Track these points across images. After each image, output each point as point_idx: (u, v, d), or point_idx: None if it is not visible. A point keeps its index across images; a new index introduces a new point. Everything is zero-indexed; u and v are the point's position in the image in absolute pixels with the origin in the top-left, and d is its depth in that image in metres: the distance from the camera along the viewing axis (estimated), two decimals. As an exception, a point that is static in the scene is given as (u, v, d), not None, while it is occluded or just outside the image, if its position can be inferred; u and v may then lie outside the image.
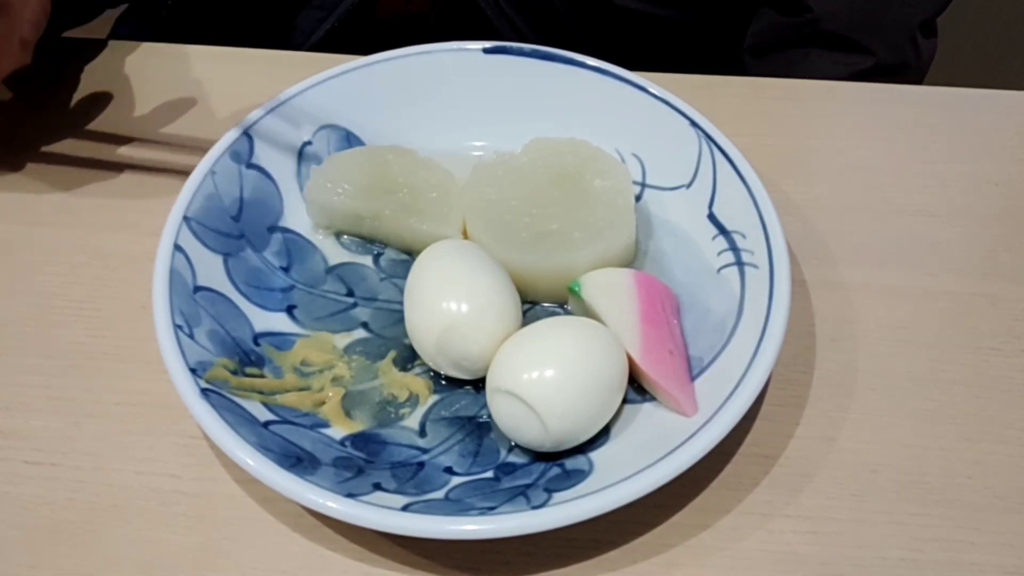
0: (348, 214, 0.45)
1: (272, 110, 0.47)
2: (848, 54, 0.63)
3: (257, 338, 0.42)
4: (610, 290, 0.41)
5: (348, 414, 0.40)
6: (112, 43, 0.59)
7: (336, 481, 0.35)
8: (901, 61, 0.64)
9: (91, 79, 0.56)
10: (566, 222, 0.44)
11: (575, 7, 0.64)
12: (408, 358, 0.42)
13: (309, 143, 0.48)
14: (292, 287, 0.44)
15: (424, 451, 0.39)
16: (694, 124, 0.46)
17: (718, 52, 0.70)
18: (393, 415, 0.40)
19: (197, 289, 0.41)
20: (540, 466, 0.38)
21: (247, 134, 0.46)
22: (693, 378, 0.39)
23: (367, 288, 0.45)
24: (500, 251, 0.42)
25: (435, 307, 0.39)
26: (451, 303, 0.39)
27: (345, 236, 0.46)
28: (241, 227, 0.44)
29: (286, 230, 0.46)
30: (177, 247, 0.41)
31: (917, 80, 0.66)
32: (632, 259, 0.45)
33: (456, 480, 0.37)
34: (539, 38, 0.54)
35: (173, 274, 0.40)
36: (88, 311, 0.44)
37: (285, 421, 0.38)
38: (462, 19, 0.64)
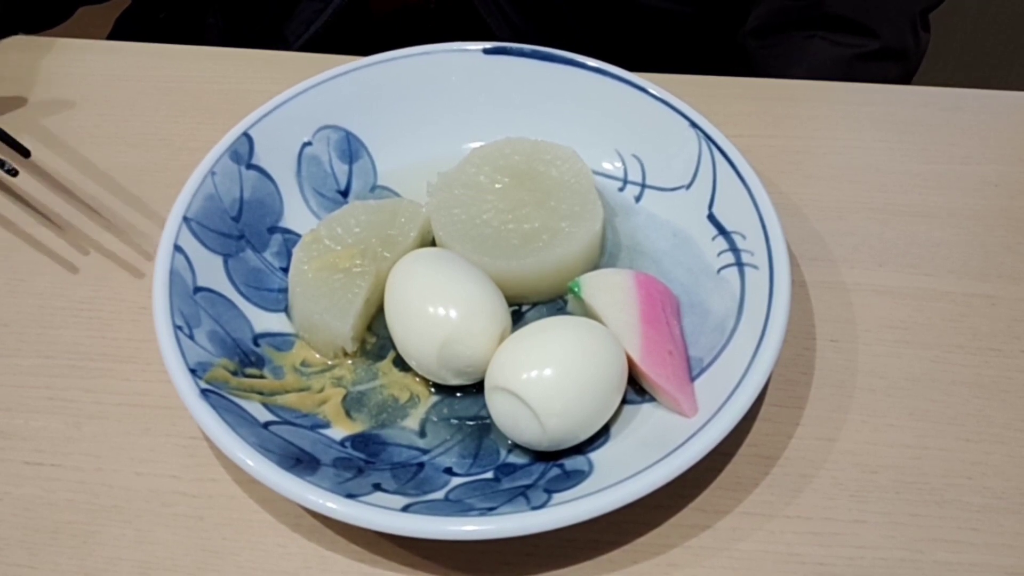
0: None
1: (272, 110, 0.47)
2: (853, 36, 0.63)
3: (257, 339, 0.42)
4: (610, 290, 0.41)
5: (348, 414, 0.40)
6: (112, 43, 0.60)
7: (336, 482, 0.35)
8: (903, 46, 0.65)
9: (91, 79, 0.56)
10: (545, 217, 0.44)
11: (575, 2, 0.64)
12: (408, 358, 0.42)
13: (309, 143, 0.48)
14: (292, 287, 0.44)
15: (424, 452, 0.39)
16: (694, 124, 0.46)
17: (720, 47, 0.70)
18: (393, 415, 0.40)
19: (197, 290, 0.41)
20: (540, 467, 0.38)
21: (247, 134, 0.46)
22: (693, 379, 0.39)
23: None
24: (498, 264, 0.42)
25: (428, 324, 0.39)
26: (443, 317, 0.39)
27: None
28: (241, 228, 0.44)
29: (286, 230, 0.46)
30: (177, 248, 0.41)
31: (911, 71, 0.67)
32: (604, 236, 0.45)
33: (456, 481, 0.37)
34: (538, 34, 0.54)
35: (173, 275, 0.40)
36: (88, 312, 0.44)
37: (285, 422, 0.38)
38: (462, 14, 0.64)
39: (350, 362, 0.42)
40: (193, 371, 0.37)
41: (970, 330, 0.44)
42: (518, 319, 0.44)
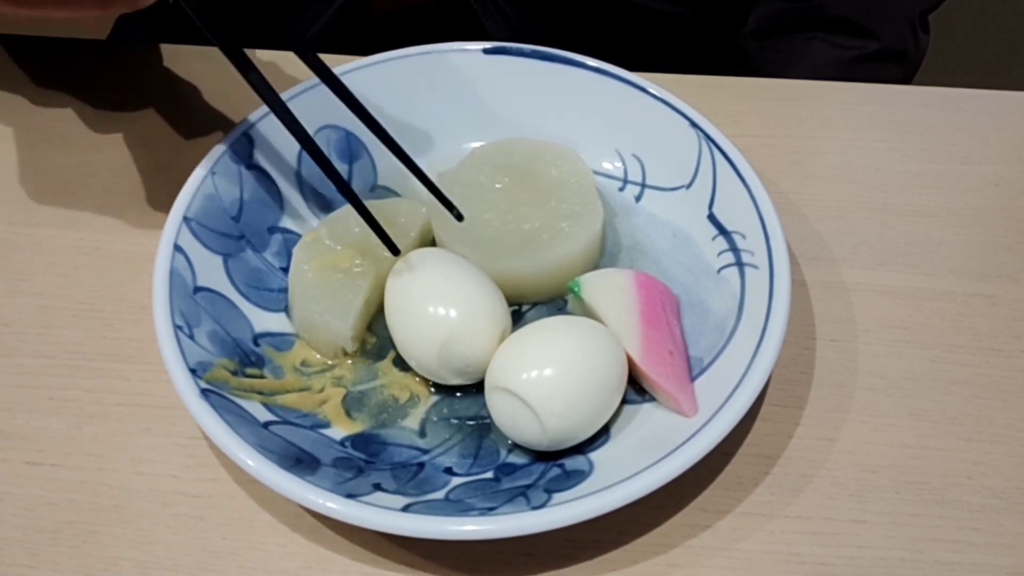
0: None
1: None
2: (853, 38, 0.64)
3: (257, 338, 0.42)
4: (610, 290, 0.41)
5: (348, 414, 0.40)
6: (112, 43, 0.59)
7: (336, 482, 0.35)
8: (903, 48, 0.65)
9: (91, 79, 0.56)
10: (545, 217, 0.44)
11: (576, 3, 0.64)
12: (408, 358, 0.42)
13: (309, 143, 0.48)
14: (292, 287, 0.44)
15: (424, 452, 0.39)
16: (694, 124, 0.46)
17: (720, 48, 0.70)
18: (393, 415, 0.40)
19: (197, 290, 0.41)
20: (540, 466, 0.38)
21: (247, 134, 0.46)
22: (693, 379, 0.39)
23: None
24: (498, 263, 0.42)
25: (428, 324, 0.39)
26: (443, 316, 0.39)
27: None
28: (241, 228, 0.44)
29: (286, 230, 0.46)
30: (177, 248, 0.41)
31: (911, 73, 0.67)
32: (604, 235, 0.45)
33: (456, 481, 0.37)
34: (537, 34, 0.54)
35: (173, 275, 0.40)
36: (88, 312, 0.44)
37: (285, 422, 0.38)
38: (462, 15, 0.64)
39: (350, 362, 0.42)
40: (193, 371, 0.37)
41: (970, 330, 0.44)
42: (518, 319, 0.44)
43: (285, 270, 0.45)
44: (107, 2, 0.37)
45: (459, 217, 0.42)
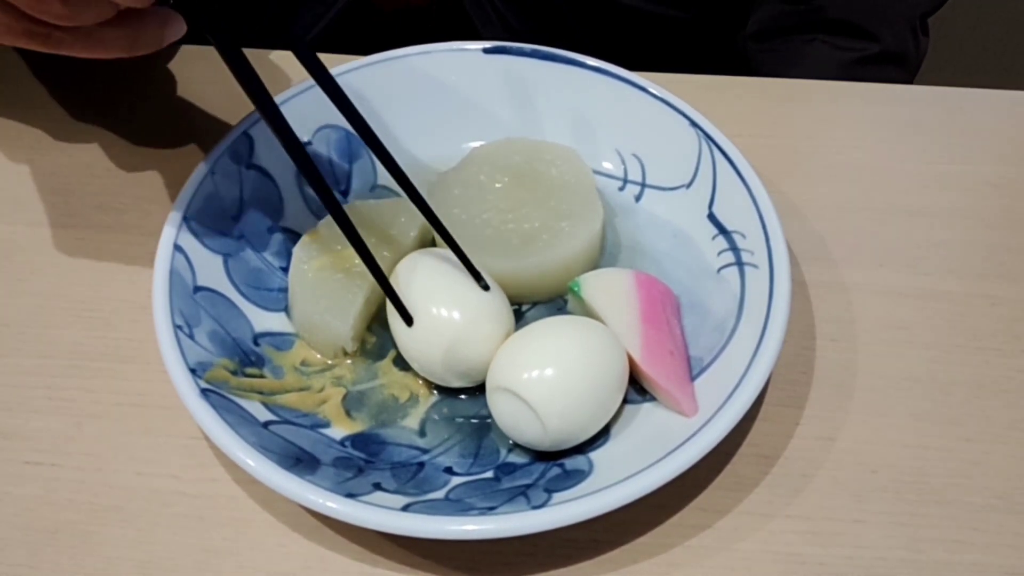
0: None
1: (272, 110, 0.47)
2: (854, 40, 0.64)
3: (257, 338, 0.42)
4: (610, 290, 0.41)
5: (348, 414, 0.40)
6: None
7: (336, 481, 0.35)
8: (903, 50, 0.65)
9: (90, 79, 0.56)
10: (545, 217, 0.44)
11: (575, 4, 0.64)
12: (408, 358, 0.42)
13: (309, 143, 0.48)
14: (292, 287, 0.44)
15: (424, 451, 0.39)
16: (694, 124, 0.46)
17: (719, 51, 0.70)
18: (393, 415, 0.40)
19: (197, 289, 0.41)
20: (540, 466, 0.38)
21: (247, 134, 0.46)
22: (693, 378, 0.39)
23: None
24: (498, 264, 0.42)
25: (432, 327, 0.39)
26: (447, 319, 0.39)
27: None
28: (241, 227, 0.44)
29: (286, 230, 0.46)
30: (177, 247, 0.41)
31: (910, 76, 0.67)
32: (604, 235, 0.45)
33: (456, 480, 0.37)
34: (536, 35, 0.54)
35: (173, 274, 0.40)
36: (88, 311, 0.44)
37: (285, 421, 0.38)
38: (462, 16, 0.64)
39: (350, 361, 0.42)
40: (193, 371, 0.37)
41: (970, 330, 0.44)
42: (518, 319, 0.44)
43: (285, 270, 0.45)
44: (135, 46, 0.38)
45: (486, 288, 0.40)
